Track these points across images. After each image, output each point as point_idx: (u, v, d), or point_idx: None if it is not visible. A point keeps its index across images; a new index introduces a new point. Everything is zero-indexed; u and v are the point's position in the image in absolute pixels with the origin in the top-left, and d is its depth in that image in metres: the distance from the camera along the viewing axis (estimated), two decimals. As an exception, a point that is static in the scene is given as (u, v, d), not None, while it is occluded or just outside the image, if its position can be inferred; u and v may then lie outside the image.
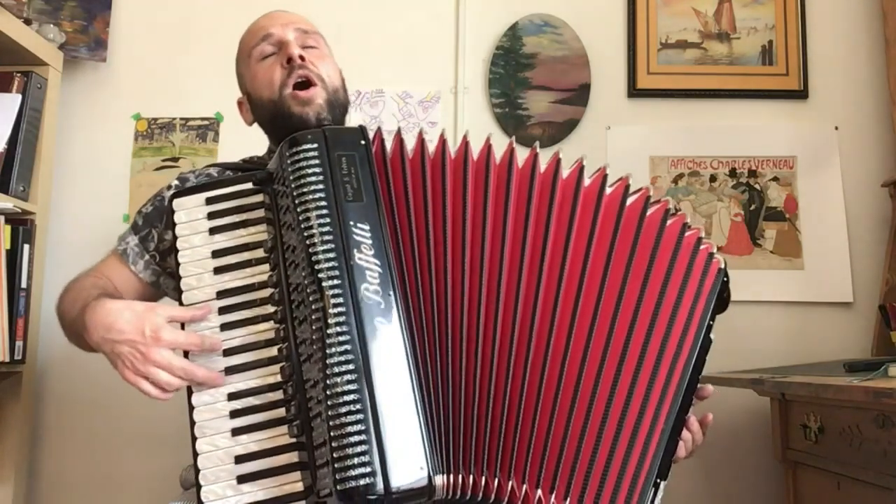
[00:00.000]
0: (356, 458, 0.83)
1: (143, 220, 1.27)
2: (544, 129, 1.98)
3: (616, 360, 0.95)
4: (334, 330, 0.88)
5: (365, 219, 0.93)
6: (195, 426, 0.94)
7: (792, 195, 1.95)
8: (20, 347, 1.71)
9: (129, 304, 1.01)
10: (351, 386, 0.86)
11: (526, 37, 2.02)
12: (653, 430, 0.95)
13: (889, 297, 1.77)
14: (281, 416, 0.93)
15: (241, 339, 0.97)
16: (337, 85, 1.26)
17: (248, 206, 1.03)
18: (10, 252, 1.71)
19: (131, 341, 0.95)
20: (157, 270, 1.25)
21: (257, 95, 1.25)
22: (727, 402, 1.84)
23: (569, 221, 0.98)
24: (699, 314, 0.99)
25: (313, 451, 0.89)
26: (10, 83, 1.75)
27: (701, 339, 0.99)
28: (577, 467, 0.92)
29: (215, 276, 1.00)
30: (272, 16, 1.30)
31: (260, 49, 1.25)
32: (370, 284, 0.91)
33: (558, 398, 0.93)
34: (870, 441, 1.22)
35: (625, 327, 0.96)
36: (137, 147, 2.03)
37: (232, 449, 0.93)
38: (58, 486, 1.92)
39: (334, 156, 0.96)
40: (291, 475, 0.91)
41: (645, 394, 0.95)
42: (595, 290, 0.96)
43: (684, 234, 1.02)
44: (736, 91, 1.99)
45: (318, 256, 0.90)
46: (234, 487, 0.91)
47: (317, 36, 1.30)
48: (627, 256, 0.98)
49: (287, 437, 0.92)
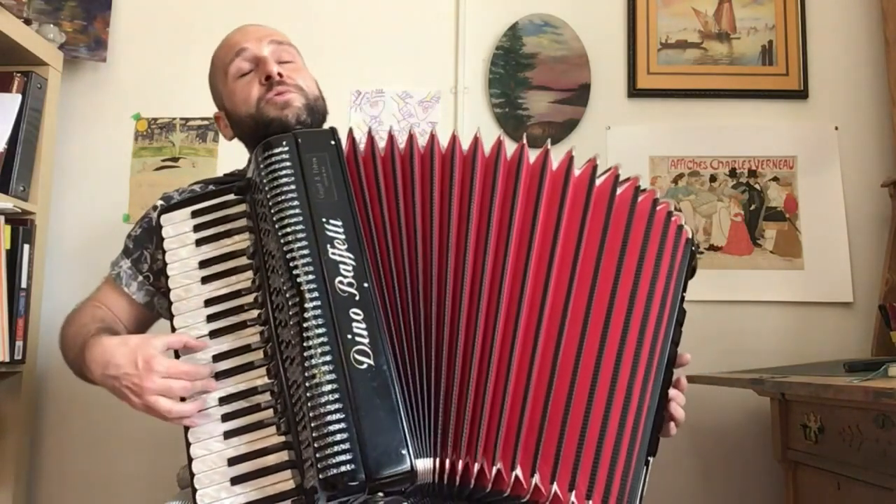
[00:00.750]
0: (336, 447, 0.85)
1: (133, 243, 1.28)
2: (544, 129, 1.98)
3: (598, 337, 0.96)
4: (311, 323, 0.90)
5: (337, 215, 0.97)
6: (189, 431, 0.97)
7: (792, 195, 1.95)
8: (20, 347, 1.70)
9: (125, 338, 1.04)
10: (329, 376, 0.88)
11: (526, 37, 2.02)
12: (641, 407, 0.96)
13: (889, 297, 1.77)
14: (269, 417, 0.95)
15: (230, 345, 1.00)
16: (316, 94, 1.27)
17: (232, 216, 1.06)
18: (10, 252, 1.70)
19: (127, 375, 0.98)
20: (151, 291, 1.26)
21: (235, 112, 1.26)
22: (727, 402, 1.84)
23: (558, 209, 1.00)
24: (674, 286, 1.01)
25: (300, 449, 0.90)
26: (10, 83, 1.75)
27: (677, 311, 1.01)
28: (565, 449, 0.92)
29: (203, 285, 1.03)
30: (245, 30, 1.29)
31: (236, 66, 1.25)
32: (344, 277, 0.93)
33: (551, 379, 0.94)
34: (870, 441, 1.22)
35: (603, 305, 0.97)
36: (137, 147, 2.03)
37: (224, 452, 0.95)
38: (58, 486, 1.92)
39: (306, 157, 1.00)
40: (282, 474, 0.93)
41: (631, 370, 0.96)
42: (588, 273, 0.98)
43: (656, 209, 1.03)
44: (736, 91, 1.99)
45: (293, 253, 0.94)
46: (227, 489, 0.93)
47: (290, 49, 1.29)
48: (600, 238, 0.99)
49: (276, 436, 0.94)
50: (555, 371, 0.94)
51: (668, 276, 1.01)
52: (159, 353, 0.98)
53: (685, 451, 1.87)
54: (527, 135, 1.94)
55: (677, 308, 1.01)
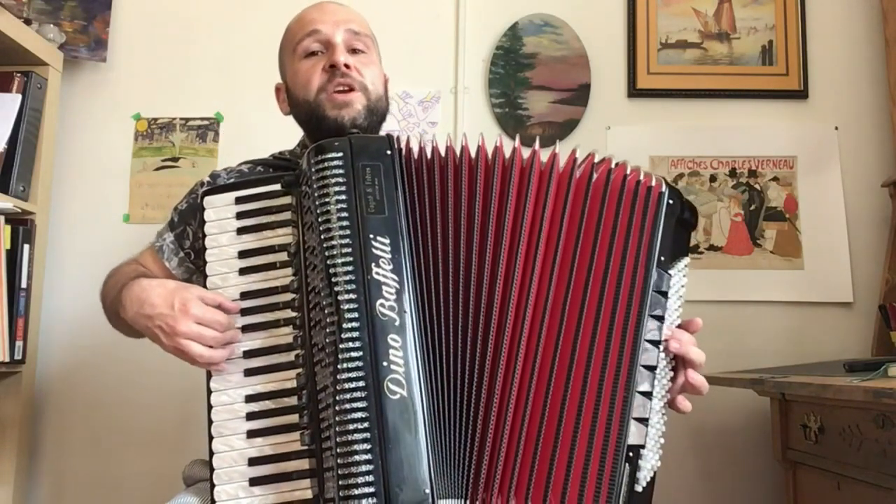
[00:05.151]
0: (360, 478, 0.84)
1: (178, 217, 1.27)
2: (544, 129, 1.98)
3: (579, 347, 0.92)
4: (347, 345, 0.88)
5: (385, 232, 0.93)
6: (212, 425, 0.96)
7: (792, 195, 1.95)
8: (20, 347, 1.71)
9: (163, 281, 1.04)
10: (360, 403, 0.86)
11: (526, 37, 2.02)
12: (613, 403, 0.91)
13: (889, 297, 1.77)
14: (294, 423, 0.94)
15: (262, 342, 0.98)
16: (380, 93, 1.23)
17: (276, 207, 1.02)
18: (10, 252, 1.71)
19: (161, 315, 0.97)
20: (191, 268, 1.25)
21: (295, 93, 1.22)
22: (727, 402, 1.84)
23: (561, 211, 0.95)
24: (646, 250, 0.94)
25: (322, 461, 0.89)
26: (10, 83, 1.75)
27: (652, 275, 0.94)
28: (545, 471, 0.90)
29: (240, 276, 1.01)
30: (324, 8, 1.24)
31: (305, 45, 1.21)
32: (386, 300, 0.90)
33: (561, 414, 0.91)
34: (870, 441, 1.22)
35: (583, 308, 0.93)
36: (137, 147, 2.03)
37: (246, 451, 0.94)
38: (58, 486, 1.92)
39: (358, 166, 0.95)
40: (302, 482, 0.92)
41: (602, 367, 0.91)
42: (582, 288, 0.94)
43: (626, 182, 0.97)
44: (736, 91, 1.99)
45: (335, 269, 0.90)
46: (245, 489, 0.93)
47: (367, 39, 1.24)
48: (577, 226, 0.95)
49: (299, 443, 0.93)
50: (564, 407, 0.91)
51: (640, 243, 0.95)
52: (195, 298, 0.97)
53: (685, 451, 1.87)
54: (526, 135, 1.96)
55: (652, 271, 0.94)
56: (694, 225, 1.01)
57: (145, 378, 1.90)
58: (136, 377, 1.91)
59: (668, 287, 0.95)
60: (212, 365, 0.96)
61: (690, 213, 1.00)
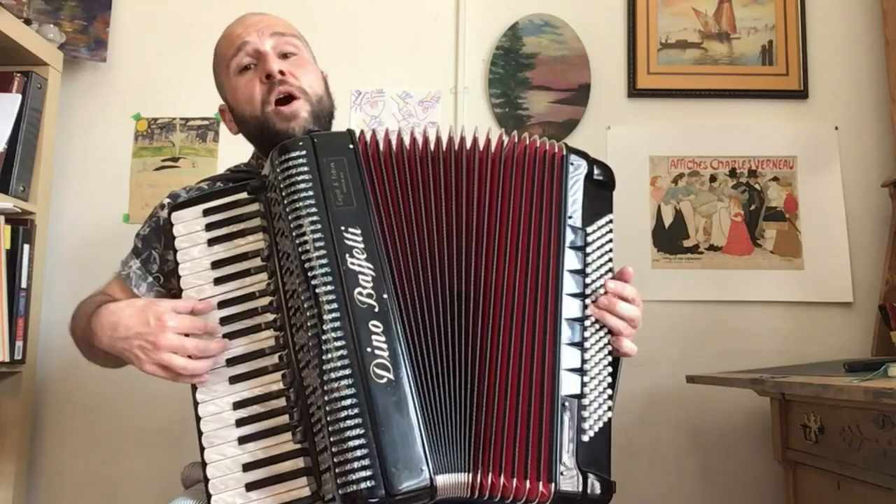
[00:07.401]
0: (356, 463, 0.85)
1: (142, 242, 1.26)
2: (544, 129, 1.98)
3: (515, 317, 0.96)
4: (330, 336, 0.89)
5: (356, 223, 0.95)
6: (203, 436, 0.96)
7: (792, 195, 1.95)
8: (20, 347, 1.71)
9: (130, 302, 1.03)
10: (348, 391, 0.87)
11: (526, 37, 2.02)
12: (545, 359, 0.95)
13: (889, 297, 1.77)
14: (285, 423, 0.94)
15: (244, 348, 0.99)
16: (320, 93, 1.23)
17: (245, 215, 1.03)
18: (10, 252, 1.71)
19: (139, 334, 0.97)
20: (161, 292, 1.24)
21: (240, 110, 1.23)
22: (727, 402, 1.84)
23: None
24: (557, 210, 1.00)
25: (316, 456, 0.90)
26: (10, 83, 1.75)
27: (566, 233, 0.99)
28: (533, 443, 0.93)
29: (216, 286, 1.02)
30: (245, 21, 1.25)
31: (238, 61, 1.21)
32: (363, 288, 0.92)
33: (505, 374, 0.95)
34: (870, 441, 1.22)
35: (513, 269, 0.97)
36: (137, 147, 2.03)
37: (239, 457, 0.95)
38: (58, 486, 1.92)
39: (323, 161, 0.97)
40: (298, 481, 0.93)
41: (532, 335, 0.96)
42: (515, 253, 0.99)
43: (536, 153, 1.02)
44: (736, 91, 1.99)
45: (311, 263, 0.92)
46: (242, 495, 0.93)
47: (294, 39, 1.25)
48: (507, 197, 1.00)
49: (291, 443, 0.93)
50: (509, 366, 0.95)
51: (551, 205, 1.00)
52: (168, 310, 0.97)
53: (685, 452, 1.87)
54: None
55: (564, 229, 0.99)
56: (610, 183, 1.05)
57: (145, 378, 1.87)
58: (136, 377, 1.88)
59: (583, 242, 1.00)
60: (195, 377, 0.97)
61: (602, 170, 1.04)
